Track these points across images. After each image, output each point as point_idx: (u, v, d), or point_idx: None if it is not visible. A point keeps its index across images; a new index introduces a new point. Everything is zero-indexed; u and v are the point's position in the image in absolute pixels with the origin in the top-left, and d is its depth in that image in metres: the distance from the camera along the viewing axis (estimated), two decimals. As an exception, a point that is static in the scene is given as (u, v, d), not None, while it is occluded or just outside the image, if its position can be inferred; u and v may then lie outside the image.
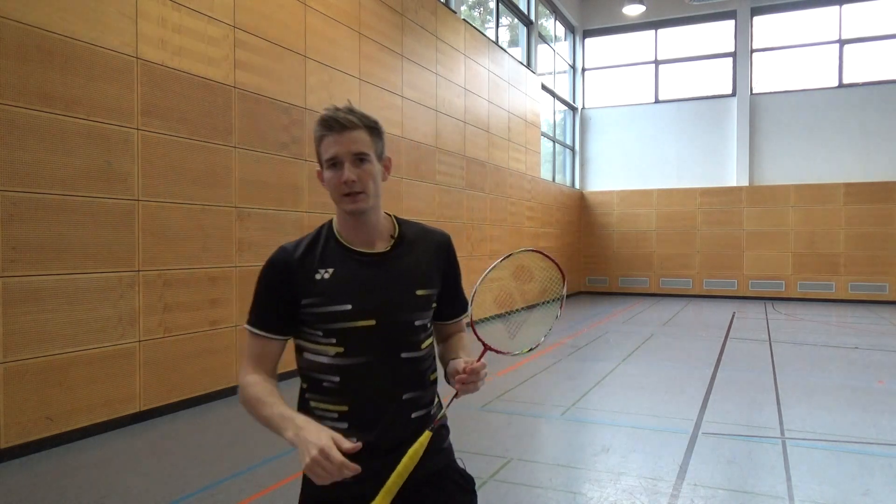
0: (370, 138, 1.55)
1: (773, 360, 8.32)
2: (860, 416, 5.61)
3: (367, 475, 1.43)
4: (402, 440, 1.54)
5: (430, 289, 1.65)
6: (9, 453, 4.49)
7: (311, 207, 7.45)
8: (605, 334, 10.63)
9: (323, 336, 1.56)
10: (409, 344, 1.60)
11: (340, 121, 1.51)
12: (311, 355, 1.59)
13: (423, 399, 1.64)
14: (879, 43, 15.92)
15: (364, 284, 1.56)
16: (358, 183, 1.53)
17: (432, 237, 1.70)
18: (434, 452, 1.59)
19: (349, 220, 1.60)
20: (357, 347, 1.54)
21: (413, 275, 1.61)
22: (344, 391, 1.55)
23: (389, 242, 1.63)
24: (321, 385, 1.58)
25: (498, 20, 13.93)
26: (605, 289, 18.25)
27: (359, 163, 1.53)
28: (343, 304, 1.53)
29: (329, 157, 1.53)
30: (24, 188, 4.57)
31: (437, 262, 1.68)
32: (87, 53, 4.99)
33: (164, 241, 5.64)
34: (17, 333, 4.54)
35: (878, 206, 15.59)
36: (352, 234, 1.61)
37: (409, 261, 1.62)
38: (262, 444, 4.91)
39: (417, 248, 1.65)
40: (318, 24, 7.65)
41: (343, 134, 1.51)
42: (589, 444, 5.00)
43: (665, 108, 17.79)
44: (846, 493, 3.93)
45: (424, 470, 1.53)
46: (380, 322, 1.55)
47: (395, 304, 1.57)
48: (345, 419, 1.55)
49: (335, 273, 1.56)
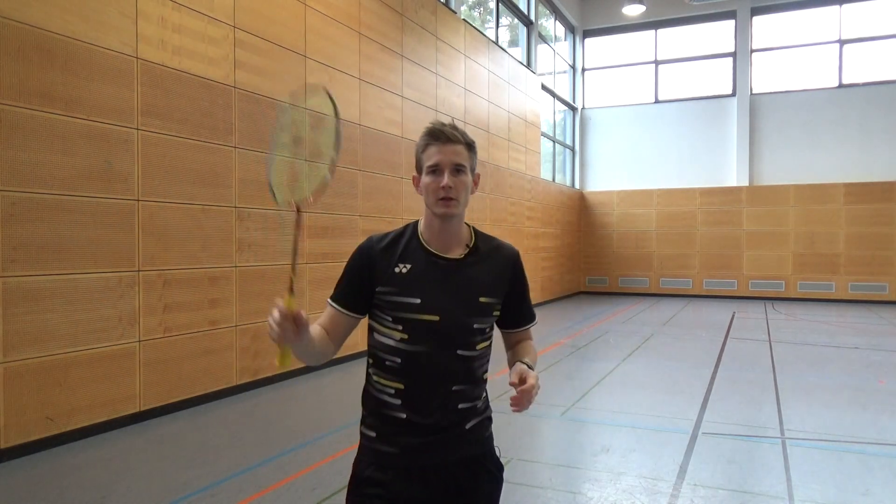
0: (468, 154, 1.75)
1: (773, 360, 8.32)
2: (860, 416, 5.61)
3: (412, 447, 1.71)
4: (446, 425, 1.74)
5: (493, 298, 1.80)
6: (9, 453, 4.49)
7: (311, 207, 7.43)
8: (605, 334, 10.63)
9: (391, 322, 1.74)
10: (466, 343, 1.76)
11: (447, 134, 1.72)
12: (380, 336, 1.78)
13: (471, 393, 1.81)
14: (879, 43, 15.93)
15: (435, 284, 1.74)
16: (453, 189, 1.71)
17: (503, 251, 1.87)
18: (476, 441, 1.80)
19: (436, 223, 1.77)
20: (419, 337, 1.72)
21: (480, 283, 1.78)
22: (402, 372, 1.73)
23: (464, 250, 1.80)
24: (384, 363, 1.76)
25: (498, 20, 13.93)
26: (605, 289, 18.25)
27: (456, 173, 1.72)
28: (413, 298, 1.72)
29: (431, 164, 1.72)
30: (24, 188, 4.57)
31: (504, 274, 1.84)
32: (87, 53, 4.99)
33: (164, 241, 5.64)
34: (17, 333, 4.54)
35: (878, 206, 15.59)
36: (434, 237, 1.79)
37: (479, 270, 1.79)
38: (262, 444, 4.91)
39: (488, 260, 1.82)
40: (318, 24, 7.65)
41: (447, 145, 1.71)
42: (589, 444, 5.00)
43: (665, 108, 17.79)
44: (846, 493, 3.93)
45: (466, 453, 1.77)
46: (443, 319, 1.72)
47: (459, 307, 1.74)
48: (399, 396, 1.74)
49: (412, 269, 1.74)
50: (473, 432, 1.80)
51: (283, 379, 7.04)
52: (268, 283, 6.81)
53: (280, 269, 6.99)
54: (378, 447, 1.75)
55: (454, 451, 1.76)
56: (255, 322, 6.65)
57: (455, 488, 1.75)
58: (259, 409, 5.99)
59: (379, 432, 1.76)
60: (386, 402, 1.75)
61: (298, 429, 5.31)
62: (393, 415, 1.74)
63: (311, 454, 4.66)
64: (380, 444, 1.76)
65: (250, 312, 6.58)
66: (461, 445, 1.77)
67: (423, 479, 1.73)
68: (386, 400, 1.75)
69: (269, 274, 6.83)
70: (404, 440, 1.73)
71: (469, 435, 1.79)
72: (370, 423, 1.79)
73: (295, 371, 7.21)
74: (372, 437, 1.78)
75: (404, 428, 1.72)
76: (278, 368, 1.65)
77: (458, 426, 1.76)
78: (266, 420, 5.62)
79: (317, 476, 4.22)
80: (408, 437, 1.72)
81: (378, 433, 1.77)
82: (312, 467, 4.38)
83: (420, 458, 1.72)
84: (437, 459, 1.74)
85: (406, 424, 1.73)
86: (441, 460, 1.74)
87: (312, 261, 7.48)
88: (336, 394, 6.63)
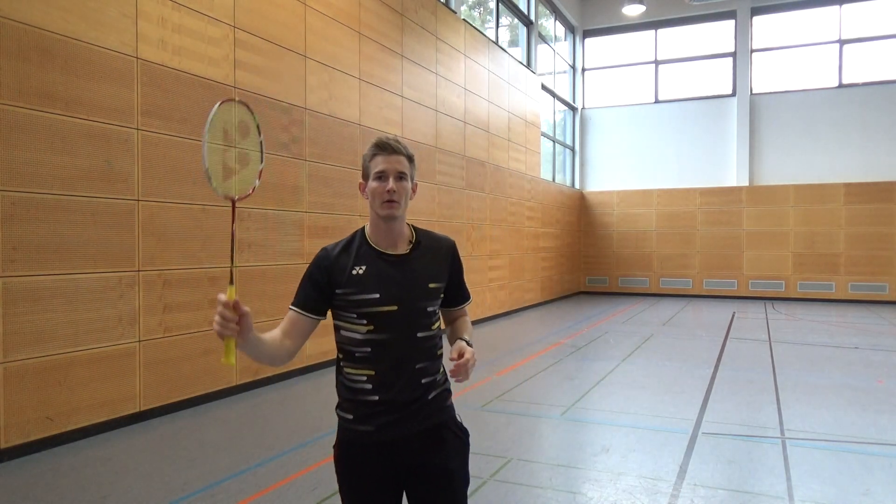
0: (409, 164, 2.01)
1: (773, 360, 8.32)
2: (860, 416, 5.61)
3: (385, 424, 1.94)
4: (413, 399, 1.98)
5: (439, 282, 2.07)
6: (9, 453, 4.49)
7: (310, 207, 7.45)
8: (605, 334, 10.63)
9: (356, 318, 1.97)
10: (423, 325, 2.01)
11: (392, 146, 1.98)
12: (347, 332, 2.00)
13: (431, 368, 2.03)
14: (879, 43, 15.93)
15: (389, 279, 1.97)
16: (397, 193, 1.95)
17: (441, 242, 2.14)
18: (438, 409, 2.04)
19: (381, 224, 2.01)
20: (383, 327, 1.95)
21: (426, 272, 2.04)
22: (372, 360, 1.96)
23: (409, 246, 2.05)
24: (354, 355, 1.99)
25: (498, 20, 13.93)
26: (605, 289, 18.25)
27: (399, 179, 1.97)
28: (373, 294, 1.95)
29: (378, 171, 1.97)
30: (24, 188, 4.57)
31: (444, 261, 2.11)
32: (87, 53, 4.99)
33: (164, 241, 5.64)
34: (17, 333, 4.54)
35: (878, 206, 15.59)
36: (381, 237, 2.02)
37: (424, 261, 2.05)
38: (262, 444, 4.91)
39: (430, 251, 2.08)
40: (318, 23, 7.65)
41: (392, 156, 1.97)
42: (589, 444, 5.00)
43: (665, 108, 17.79)
44: (846, 493, 3.93)
45: (431, 422, 2.01)
46: (400, 308, 1.96)
47: (412, 294, 1.99)
48: (371, 381, 1.97)
49: (367, 269, 1.97)
50: (436, 402, 2.04)
51: (283, 379, 7.04)
52: (268, 283, 6.81)
53: (280, 268, 6.99)
54: (356, 427, 1.98)
55: (421, 421, 1.99)
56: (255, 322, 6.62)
57: (426, 455, 1.99)
58: (259, 409, 5.99)
59: (355, 414, 1.99)
60: (360, 389, 1.97)
61: (298, 429, 5.31)
62: (366, 399, 1.97)
63: (311, 454, 4.66)
64: (357, 425, 1.98)
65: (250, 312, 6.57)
66: (427, 416, 2.00)
67: (395, 451, 1.96)
68: (359, 387, 1.98)
69: (269, 274, 6.83)
70: (378, 419, 1.96)
71: (432, 404, 2.02)
72: (346, 407, 2.02)
73: (295, 371, 7.21)
74: (349, 419, 2.01)
75: (377, 408, 1.95)
76: (224, 365, 1.79)
77: (422, 398, 1.99)
78: (266, 420, 5.62)
79: (317, 476, 4.22)
80: (381, 416, 1.95)
81: (354, 415, 1.99)
82: (312, 467, 4.38)
83: (392, 432, 1.95)
84: (406, 431, 1.97)
85: (378, 405, 1.95)
86: (410, 431, 1.97)
87: (312, 261, 7.47)
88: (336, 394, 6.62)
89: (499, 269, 12.75)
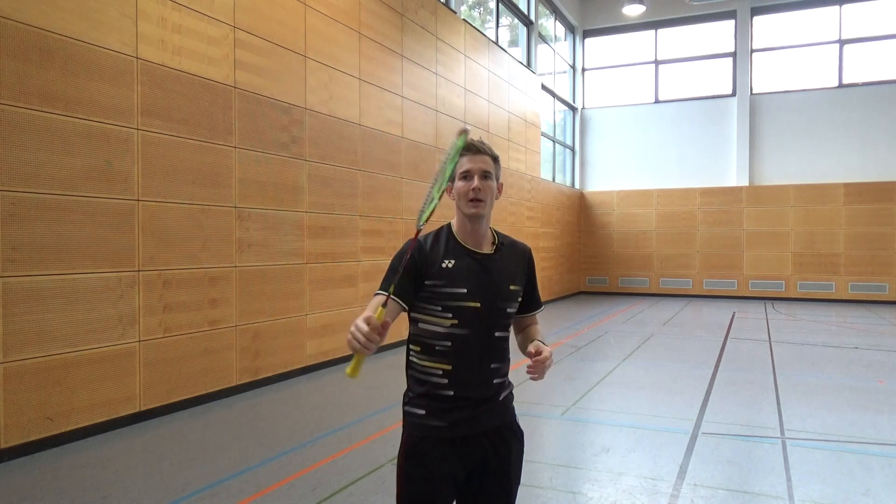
0: (494, 164, 2.06)
1: (773, 360, 8.32)
2: (860, 416, 5.61)
3: (458, 420, 1.98)
4: (486, 398, 2.02)
5: (519, 286, 2.12)
6: (9, 453, 4.49)
7: (310, 207, 7.45)
8: (605, 334, 10.63)
9: (441, 311, 1.99)
10: (501, 325, 2.05)
11: (477, 146, 2.03)
12: (427, 325, 2.02)
13: (502, 369, 2.08)
14: (879, 43, 15.93)
15: (476, 275, 2.01)
16: (482, 192, 2.01)
17: (520, 247, 2.21)
18: (506, 411, 2.10)
19: (467, 223, 2.06)
20: (466, 322, 1.98)
21: (509, 273, 2.09)
22: (451, 354, 1.99)
23: (493, 247, 2.10)
24: (434, 348, 2.00)
25: (498, 20, 13.92)
26: (605, 289, 18.25)
27: (484, 178, 2.02)
28: (460, 288, 1.98)
29: (464, 171, 2.02)
30: (24, 188, 4.57)
31: (522, 265, 2.17)
32: (87, 53, 4.99)
33: (164, 241, 5.64)
34: (17, 333, 4.54)
35: (878, 206, 15.59)
36: (467, 236, 2.07)
37: (506, 262, 2.10)
38: (262, 444, 4.91)
39: (511, 254, 2.14)
40: (318, 23, 7.65)
41: (477, 156, 2.02)
42: (589, 444, 5.00)
43: (665, 108, 17.79)
44: (846, 493, 3.93)
45: (500, 422, 2.06)
46: (483, 305, 2.00)
47: (496, 293, 2.03)
48: (447, 375, 1.99)
49: (456, 264, 2.01)
50: (505, 403, 2.09)
51: (283, 379, 7.04)
52: (268, 283, 6.82)
53: (280, 268, 6.99)
54: (428, 422, 2.00)
55: (492, 421, 2.03)
56: (255, 322, 6.65)
57: (491, 453, 2.03)
58: (259, 409, 5.99)
59: (428, 409, 2.01)
60: (434, 383, 2.00)
61: (298, 429, 5.31)
62: (441, 393, 1.99)
63: (311, 454, 4.66)
64: (429, 420, 2.00)
65: (250, 312, 6.58)
66: (497, 415, 2.05)
67: (465, 448, 1.99)
68: (434, 381, 2.00)
69: (269, 274, 6.83)
70: (451, 415, 1.98)
71: (502, 406, 2.08)
72: (419, 402, 2.03)
73: (295, 371, 7.21)
74: (421, 415, 2.02)
75: (451, 404, 1.98)
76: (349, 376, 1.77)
77: (494, 398, 2.04)
78: (266, 420, 5.62)
79: (317, 476, 4.22)
80: (454, 412, 1.98)
81: (427, 410, 2.01)
82: (312, 467, 4.38)
83: (464, 429, 1.99)
84: (477, 429, 2.00)
85: (453, 400, 1.98)
86: (481, 430, 2.01)
87: (312, 261, 7.48)
88: (336, 394, 6.63)
89: (499, 269, 12.72)
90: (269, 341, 6.83)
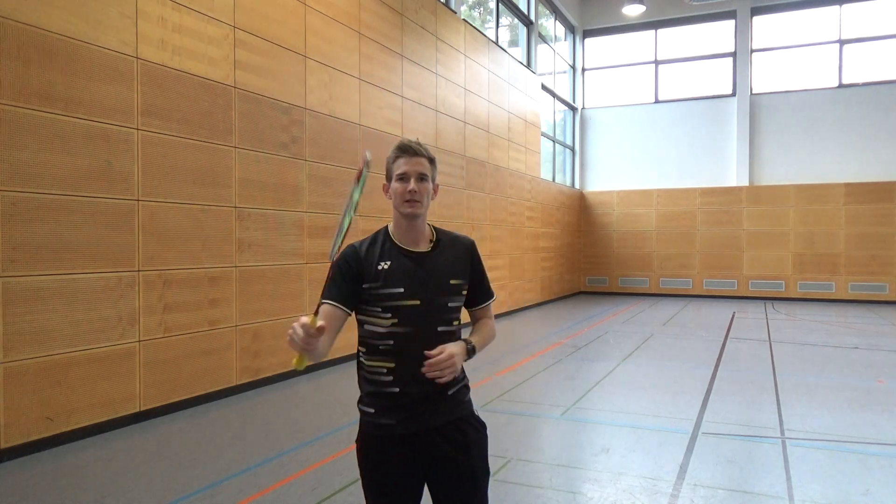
0: (430, 166, 2.11)
1: (773, 360, 8.32)
2: (860, 416, 5.61)
3: (406, 417, 2.02)
4: (432, 392, 2.03)
5: (461, 279, 2.14)
6: (9, 453, 4.49)
7: (310, 207, 7.45)
8: (605, 334, 10.63)
9: (381, 311, 2.03)
10: (444, 320, 2.08)
11: (414, 148, 2.08)
12: (371, 326, 2.06)
13: None
14: (879, 43, 15.92)
15: (413, 274, 2.05)
16: (418, 193, 2.04)
17: (461, 241, 2.21)
18: (457, 405, 2.11)
19: (403, 223, 2.09)
20: (406, 320, 2.02)
21: (448, 268, 2.11)
22: (394, 352, 2.03)
23: (430, 245, 2.13)
24: (378, 348, 2.05)
25: (498, 20, 13.92)
26: (605, 289, 18.25)
27: (420, 180, 2.06)
28: (397, 288, 2.02)
29: (400, 173, 2.07)
30: (24, 188, 4.57)
31: (465, 259, 2.18)
32: (87, 53, 4.99)
33: (164, 241, 5.64)
34: (17, 333, 4.54)
35: (878, 206, 15.59)
36: (404, 236, 2.10)
37: (444, 258, 2.12)
38: (262, 444, 4.91)
39: (450, 249, 2.15)
40: (318, 24, 7.65)
41: (413, 158, 2.07)
42: (589, 444, 5.00)
43: (665, 108, 17.79)
44: (846, 493, 3.93)
45: (450, 417, 2.08)
46: (423, 302, 2.03)
47: (434, 290, 2.06)
48: (391, 373, 2.03)
49: (392, 265, 2.05)
50: (455, 397, 2.10)
51: (283, 379, 7.04)
52: (268, 283, 6.82)
53: (280, 268, 6.99)
54: (378, 420, 2.05)
55: (441, 416, 2.06)
56: (255, 322, 6.65)
57: (448, 447, 2.05)
58: (259, 409, 5.99)
59: (377, 408, 2.05)
60: (380, 381, 2.04)
61: (298, 429, 5.31)
62: (387, 391, 2.03)
63: (311, 454, 4.66)
64: (379, 418, 2.05)
65: (250, 312, 6.58)
66: (447, 410, 2.07)
67: (417, 445, 2.03)
68: (380, 379, 2.04)
69: (269, 274, 6.83)
70: (399, 413, 2.02)
71: (451, 400, 2.09)
72: (368, 401, 2.08)
73: (295, 371, 7.20)
74: (371, 413, 2.07)
75: (397, 401, 2.02)
76: (294, 368, 1.85)
77: (442, 394, 2.06)
78: (266, 420, 5.62)
79: (317, 476, 4.22)
80: (401, 410, 2.02)
81: (376, 409, 2.05)
82: (312, 467, 4.38)
83: (413, 425, 2.02)
84: (427, 425, 2.03)
85: (399, 397, 2.02)
86: (430, 425, 2.04)
87: (312, 260, 7.48)
88: (336, 394, 6.63)
89: (499, 269, 12.74)
90: (269, 341, 6.83)
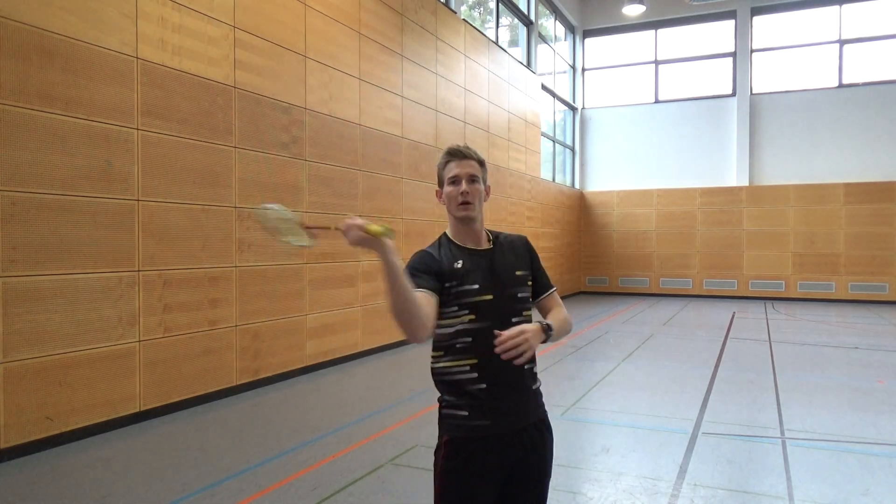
0: (480, 168, 2.16)
1: (773, 360, 8.32)
2: (860, 416, 5.61)
3: (500, 415, 2.03)
4: (518, 386, 2.08)
5: (525, 270, 2.21)
6: (9, 453, 4.49)
7: (310, 207, 7.44)
8: (605, 334, 10.63)
9: (458, 309, 2.06)
10: (516, 311, 2.12)
11: (463, 151, 2.13)
12: (447, 327, 2.07)
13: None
14: (879, 43, 15.92)
15: (483, 270, 2.11)
16: (470, 195, 2.10)
17: (517, 237, 2.30)
18: (539, 404, 2.17)
19: (460, 227, 2.15)
20: (483, 315, 2.05)
21: (512, 261, 2.18)
22: (473, 349, 2.05)
23: (489, 243, 2.20)
24: (455, 346, 2.06)
25: (498, 20, 13.93)
26: (605, 289, 18.25)
27: (471, 182, 2.11)
28: (473, 284, 2.06)
29: (451, 176, 2.12)
30: (24, 188, 4.57)
31: (523, 252, 2.25)
32: (87, 53, 4.99)
33: (164, 241, 5.64)
34: (17, 333, 4.54)
35: (878, 206, 15.59)
36: (464, 237, 2.16)
37: (507, 252, 2.19)
38: (262, 444, 4.91)
39: (508, 246, 2.23)
40: (318, 24, 7.65)
41: (463, 161, 2.12)
42: (589, 444, 5.00)
43: (665, 108, 17.78)
44: (846, 493, 3.93)
45: (536, 416, 2.13)
46: (495, 296, 2.08)
47: (504, 283, 2.12)
48: (475, 369, 2.05)
49: (464, 264, 2.10)
50: (538, 394, 2.17)
51: (283, 379, 7.03)
52: (268, 283, 6.81)
53: (280, 269, 6.99)
54: (471, 423, 2.03)
55: (529, 415, 2.10)
56: (255, 322, 6.65)
57: (530, 449, 2.08)
58: (259, 409, 5.99)
59: (470, 410, 2.03)
60: (465, 380, 2.04)
61: (298, 429, 5.31)
62: (475, 388, 2.03)
63: (311, 454, 4.66)
64: (472, 420, 2.03)
65: (250, 312, 6.58)
66: (533, 408, 2.12)
67: (506, 447, 2.03)
68: (465, 377, 2.05)
69: (269, 274, 6.83)
70: (492, 412, 2.03)
71: (536, 397, 2.15)
72: (459, 404, 2.06)
73: (295, 371, 7.21)
74: (464, 416, 2.04)
75: (488, 396, 2.02)
76: (374, 232, 1.83)
77: (527, 388, 2.11)
78: (266, 420, 5.62)
79: (317, 476, 4.22)
80: (493, 409, 2.02)
81: (470, 411, 2.03)
82: (312, 467, 4.38)
83: (507, 424, 2.04)
84: (518, 424, 2.06)
85: (488, 392, 2.02)
86: (521, 424, 2.07)
87: (312, 260, 7.48)
88: (336, 394, 6.63)
89: (499, 269, 12.73)
90: (269, 341, 6.83)
